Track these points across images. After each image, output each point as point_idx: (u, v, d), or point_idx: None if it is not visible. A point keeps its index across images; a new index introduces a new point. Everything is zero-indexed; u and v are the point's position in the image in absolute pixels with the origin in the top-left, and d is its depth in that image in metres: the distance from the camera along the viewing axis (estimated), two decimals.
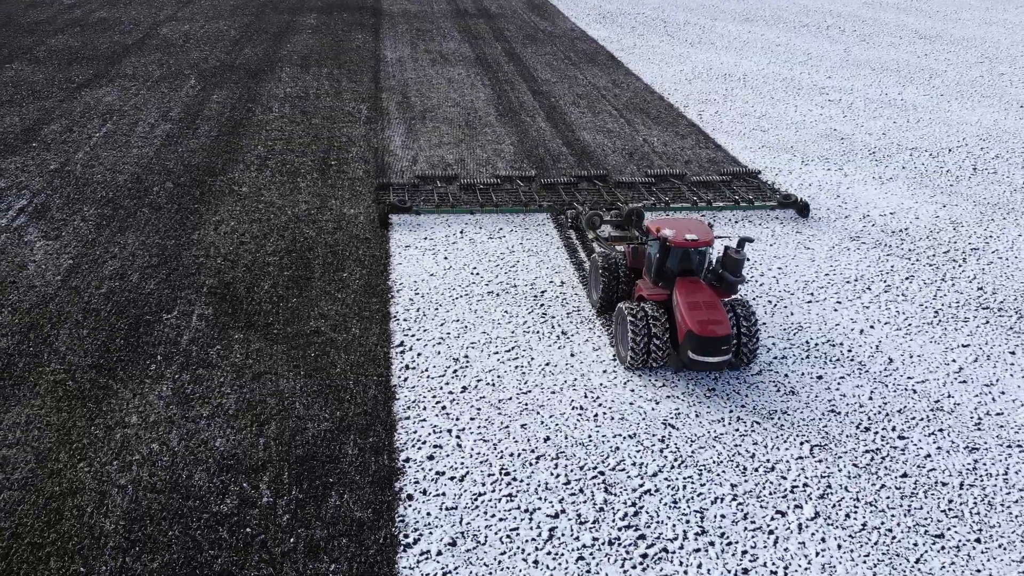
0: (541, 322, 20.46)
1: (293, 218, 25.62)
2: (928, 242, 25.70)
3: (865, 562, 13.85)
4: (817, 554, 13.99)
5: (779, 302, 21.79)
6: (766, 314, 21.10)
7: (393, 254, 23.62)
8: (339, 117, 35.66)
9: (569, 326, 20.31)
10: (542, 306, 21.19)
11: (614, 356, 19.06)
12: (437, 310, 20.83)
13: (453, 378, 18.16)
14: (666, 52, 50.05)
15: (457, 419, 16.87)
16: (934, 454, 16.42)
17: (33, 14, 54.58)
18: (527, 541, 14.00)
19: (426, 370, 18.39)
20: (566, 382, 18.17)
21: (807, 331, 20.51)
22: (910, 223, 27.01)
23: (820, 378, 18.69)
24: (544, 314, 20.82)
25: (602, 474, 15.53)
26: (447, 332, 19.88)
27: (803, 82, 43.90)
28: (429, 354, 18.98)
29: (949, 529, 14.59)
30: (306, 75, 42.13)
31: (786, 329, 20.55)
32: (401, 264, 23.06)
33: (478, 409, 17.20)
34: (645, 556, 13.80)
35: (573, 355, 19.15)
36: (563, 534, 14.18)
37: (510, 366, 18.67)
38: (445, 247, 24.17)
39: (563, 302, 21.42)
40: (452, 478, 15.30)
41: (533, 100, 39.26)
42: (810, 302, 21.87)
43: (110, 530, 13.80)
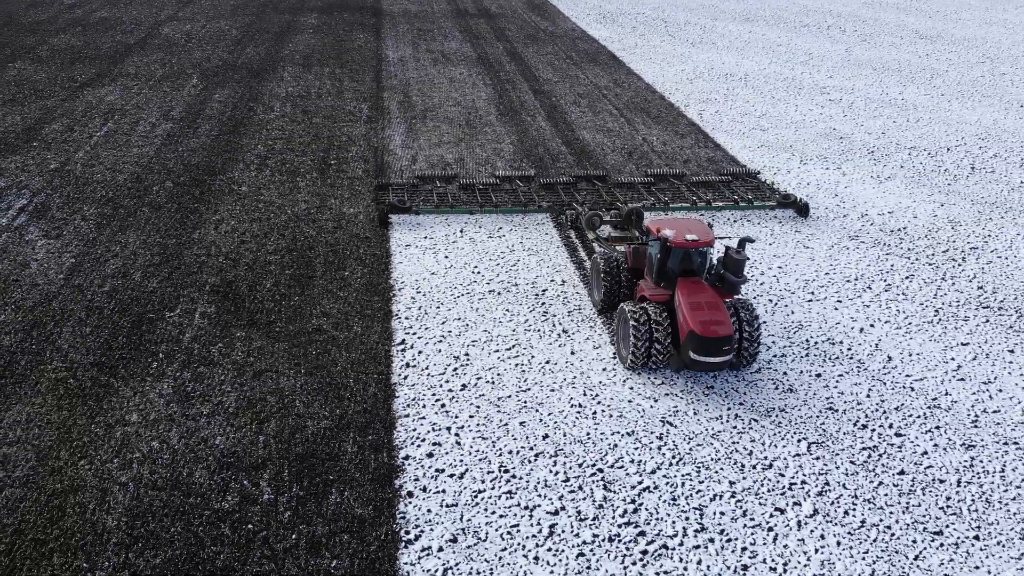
0: (542, 320, 20.53)
1: (293, 217, 25.70)
2: (927, 241, 25.75)
3: (864, 559, 13.91)
4: (816, 551, 14.05)
5: (779, 301, 21.85)
6: (766, 313, 21.16)
7: (394, 253, 23.70)
8: (340, 116, 35.73)
9: (569, 324, 20.38)
10: (543, 305, 21.26)
11: (614, 354, 19.13)
12: (438, 308, 20.90)
13: (453, 376, 18.23)
14: (667, 52, 50.11)
15: (456, 417, 16.93)
16: (931, 451, 16.48)
17: (34, 14, 54.67)
18: (527, 538, 14.07)
19: (426, 368, 18.46)
20: (565, 380, 18.24)
21: (807, 329, 20.57)
22: (908, 222, 27.07)
23: (819, 376, 18.75)
24: (545, 313, 20.89)
25: (601, 471, 15.60)
26: (448, 330, 19.96)
27: (804, 82, 43.95)
28: (430, 352, 19.06)
29: (948, 526, 14.65)
30: (308, 74, 42.21)
31: (786, 328, 20.61)
32: (402, 263, 23.13)
33: (477, 407, 17.27)
34: (645, 553, 13.87)
35: (573, 353, 19.21)
36: (563, 531, 14.24)
37: (510, 364, 18.74)
38: (446, 246, 24.25)
39: (564, 301, 21.48)
40: (452, 475, 15.36)
41: (534, 99, 39.32)
42: (810, 301, 21.93)
43: (112, 527, 13.87)
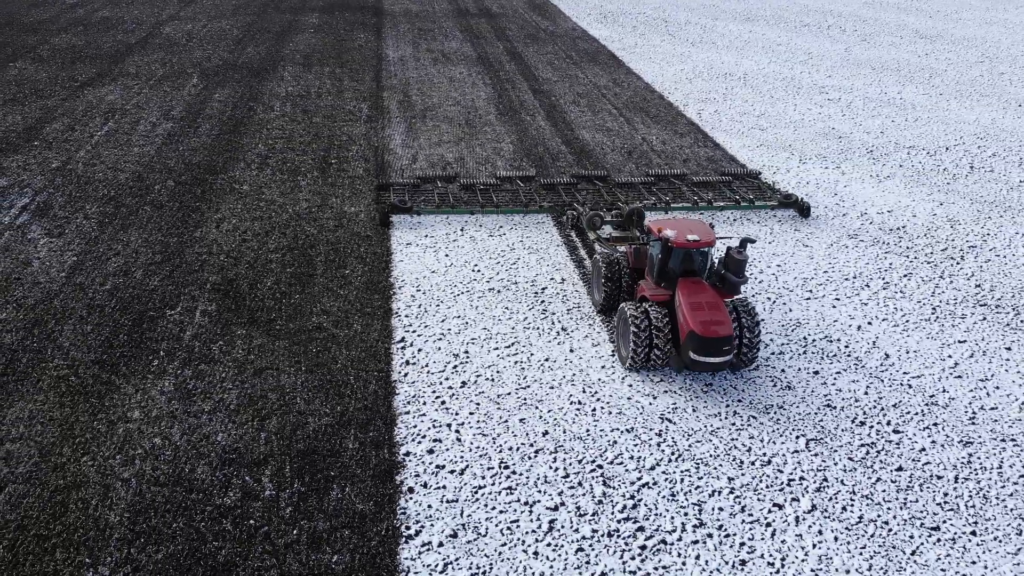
0: (541, 318, 20.62)
1: (294, 216, 25.80)
2: (926, 240, 25.85)
3: (862, 554, 14.01)
4: (814, 546, 14.14)
5: (778, 299, 21.94)
6: (765, 311, 21.25)
7: (394, 251, 23.79)
8: (340, 116, 35.83)
9: (569, 322, 20.47)
10: (542, 303, 21.35)
11: (613, 352, 19.22)
12: (438, 307, 20.99)
13: (453, 373, 18.32)
14: (667, 51, 50.21)
15: (457, 414, 17.03)
16: (929, 448, 16.58)
17: (35, 13, 54.77)
18: (527, 533, 14.17)
19: (426, 366, 18.56)
20: (565, 377, 18.33)
21: (805, 327, 20.66)
22: (907, 221, 27.16)
23: (817, 373, 18.84)
24: (544, 311, 20.98)
25: (600, 467, 15.69)
26: (448, 328, 20.05)
27: (803, 81, 44.04)
28: (429, 350, 19.15)
29: (945, 522, 14.75)
30: (308, 74, 42.31)
31: (784, 325, 20.70)
32: (403, 261, 23.23)
33: (477, 404, 17.37)
34: (644, 548, 13.96)
35: (572, 351, 19.30)
36: (563, 526, 14.34)
37: (510, 362, 18.83)
38: (446, 244, 24.34)
39: (563, 299, 21.57)
40: (452, 471, 15.46)
41: (533, 99, 39.42)
42: (808, 299, 22.02)
43: (115, 522, 13.97)
